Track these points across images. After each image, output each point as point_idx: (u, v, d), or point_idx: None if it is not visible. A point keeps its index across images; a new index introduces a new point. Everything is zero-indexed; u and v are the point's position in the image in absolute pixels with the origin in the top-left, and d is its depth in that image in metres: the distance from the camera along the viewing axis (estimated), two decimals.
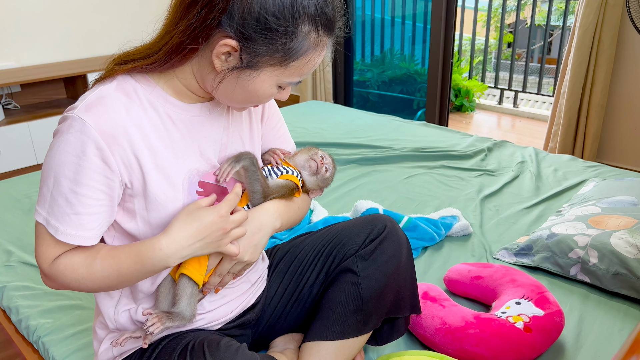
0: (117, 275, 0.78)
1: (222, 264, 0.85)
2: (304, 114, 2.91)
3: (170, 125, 0.81)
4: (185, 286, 0.83)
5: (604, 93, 2.69)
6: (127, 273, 0.78)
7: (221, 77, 0.76)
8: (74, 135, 0.73)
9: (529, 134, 3.84)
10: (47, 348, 1.18)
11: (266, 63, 0.74)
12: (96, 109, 0.74)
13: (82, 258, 0.78)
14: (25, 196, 1.96)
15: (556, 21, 5.90)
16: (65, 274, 0.78)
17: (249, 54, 0.73)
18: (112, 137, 0.75)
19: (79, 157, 0.73)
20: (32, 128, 3.05)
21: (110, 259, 0.78)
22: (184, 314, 0.83)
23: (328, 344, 0.95)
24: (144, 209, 0.80)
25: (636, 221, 1.38)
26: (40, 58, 3.40)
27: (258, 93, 0.78)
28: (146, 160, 0.78)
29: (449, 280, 1.33)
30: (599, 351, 1.11)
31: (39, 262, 0.80)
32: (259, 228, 0.86)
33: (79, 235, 0.77)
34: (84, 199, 0.75)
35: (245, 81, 0.76)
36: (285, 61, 0.74)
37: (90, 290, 0.80)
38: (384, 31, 3.99)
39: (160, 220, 0.81)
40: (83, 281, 0.78)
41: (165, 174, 0.80)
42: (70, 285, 0.80)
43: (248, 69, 0.75)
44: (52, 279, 0.80)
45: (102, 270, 0.78)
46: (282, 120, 1.03)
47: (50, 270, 0.79)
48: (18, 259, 1.53)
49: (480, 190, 1.92)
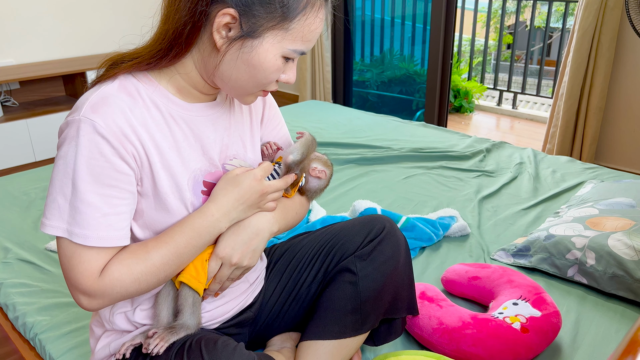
0: (176, 257, 0.78)
1: (222, 270, 0.85)
2: (303, 114, 2.91)
3: (174, 124, 0.81)
4: (186, 295, 0.83)
5: (603, 95, 2.69)
6: (185, 252, 0.79)
7: (223, 53, 0.75)
8: (86, 138, 0.72)
9: (527, 135, 3.84)
10: (43, 345, 1.18)
11: (267, 27, 0.74)
12: (102, 109, 0.74)
13: (133, 255, 0.77)
14: (23, 193, 1.96)
15: (555, 23, 5.91)
16: (121, 279, 0.75)
17: (249, 19, 0.73)
18: (123, 136, 0.74)
19: (96, 159, 0.72)
20: (31, 125, 3.05)
21: (164, 244, 0.78)
22: (188, 324, 0.83)
23: (325, 343, 0.95)
24: (153, 209, 0.80)
25: (634, 223, 1.38)
26: (39, 55, 3.40)
27: (263, 66, 0.76)
28: (154, 159, 0.78)
29: (447, 280, 1.33)
30: (596, 352, 1.11)
31: (82, 283, 0.74)
32: (256, 233, 0.86)
33: (110, 236, 0.74)
34: (110, 199, 0.74)
35: (248, 54, 0.75)
36: (284, 21, 0.74)
37: (150, 287, 0.78)
38: (383, 31, 3.99)
39: (166, 220, 0.81)
40: (144, 277, 0.77)
41: (172, 173, 0.80)
42: (128, 290, 0.76)
43: (250, 38, 0.74)
44: (102, 294, 0.75)
45: (160, 258, 0.77)
46: (283, 122, 1.03)
47: (99, 285, 0.74)
48: (15, 256, 1.53)
49: (479, 191, 1.93)
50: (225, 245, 0.84)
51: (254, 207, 0.85)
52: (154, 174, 0.78)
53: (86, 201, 0.72)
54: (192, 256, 0.81)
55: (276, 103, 1.04)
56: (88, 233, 0.73)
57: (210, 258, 0.84)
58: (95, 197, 0.73)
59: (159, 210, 0.80)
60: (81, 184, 0.72)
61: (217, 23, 0.73)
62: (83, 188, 0.72)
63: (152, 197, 0.80)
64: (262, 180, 0.85)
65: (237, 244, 0.85)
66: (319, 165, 0.97)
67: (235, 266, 0.85)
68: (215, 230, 0.82)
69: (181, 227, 0.80)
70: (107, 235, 0.74)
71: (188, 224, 0.80)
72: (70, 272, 0.75)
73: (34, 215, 1.79)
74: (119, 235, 0.76)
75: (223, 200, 0.82)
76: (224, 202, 0.82)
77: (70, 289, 0.76)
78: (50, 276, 1.44)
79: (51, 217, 0.74)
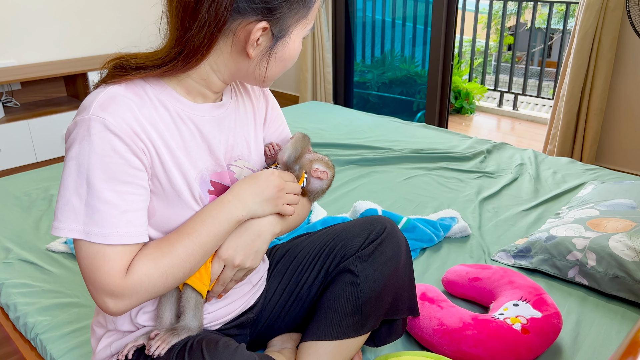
0: (200, 247, 0.79)
1: (225, 272, 0.85)
2: (304, 115, 2.91)
3: (181, 123, 0.81)
4: (189, 297, 0.83)
5: (604, 96, 2.69)
6: (207, 241, 0.80)
7: (257, 61, 0.79)
8: (98, 136, 0.71)
9: (528, 136, 3.84)
10: (44, 345, 1.18)
11: (292, 23, 0.77)
12: (111, 107, 0.73)
13: (158, 249, 0.76)
14: (24, 194, 1.96)
15: (556, 24, 5.91)
16: (149, 273, 0.74)
17: (278, 24, 0.75)
18: (134, 133, 0.74)
19: (110, 156, 0.72)
20: (32, 126, 3.05)
21: (186, 235, 0.78)
22: (190, 326, 0.84)
23: (326, 344, 0.95)
24: (167, 207, 0.80)
25: (634, 224, 1.38)
26: (40, 56, 3.40)
27: (292, 55, 0.82)
28: (165, 157, 0.78)
29: (447, 281, 1.33)
30: (596, 353, 1.11)
31: (108, 284, 0.72)
32: (258, 234, 0.86)
33: (130, 232, 0.73)
34: (127, 196, 0.73)
35: (281, 51, 0.79)
36: (305, 9, 0.78)
37: (177, 281, 0.78)
38: (384, 33, 3.99)
39: (179, 218, 0.81)
40: (171, 271, 0.76)
41: (182, 171, 0.81)
42: (156, 285, 0.75)
43: (281, 39, 0.77)
44: (130, 293, 0.73)
45: (184, 250, 0.77)
46: (285, 123, 1.03)
47: (127, 283, 0.73)
48: (16, 256, 1.53)
49: (479, 192, 1.93)
50: (227, 247, 0.84)
51: (271, 203, 0.86)
52: (167, 172, 0.79)
53: (103, 199, 0.72)
54: (215, 246, 0.82)
55: (278, 104, 1.04)
56: (108, 231, 0.72)
57: (213, 260, 0.84)
58: (112, 194, 0.72)
59: (173, 208, 0.80)
60: (97, 182, 0.71)
61: (252, 38, 0.75)
62: (99, 186, 0.71)
63: (167, 195, 0.79)
64: (280, 177, 0.87)
65: (240, 245, 0.85)
66: (320, 166, 0.97)
67: (238, 268, 0.85)
68: (234, 218, 0.82)
69: (200, 217, 0.81)
70: (127, 232, 0.73)
71: (206, 213, 0.81)
72: (94, 275, 0.72)
73: (35, 216, 1.79)
74: (138, 232, 0.75)
75: (239, 190, 0.83)
76: (240, 191, 0.83)
77: (95, 293, 0.73)
78: (52, 276, 1.44)
79: (65, 220, 0.72)
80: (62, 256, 1.54)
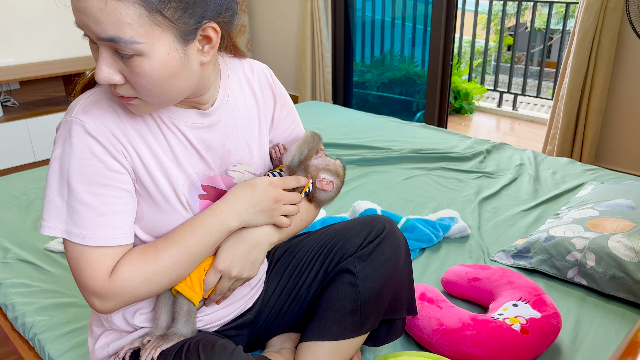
0: (187, 256, 0.78)
1: (222, 282, 0.85)
2: (303, 115, 2.91)
3: (166, 130, 0.80)
4: (181, 304, 0.83)
5: (603, 97, 2.69)
6: (196, 251, 0.79)
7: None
8: (78, 138, 0.72)
9: (527, 136, 3.84)
10: (42, 345, 1.18)
11: None
12: (92, 110, 0.74)
13: (143, 256, 0.76)
14: (22, 193, 1.96)
15: (556, 25, 5.92)
16: (131, 279, 0.74)
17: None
18: (113, 136, 0.74)
19: (88, 159, 0.72)
20: (31, 125, 3.05)
21: (174, 244, 0.78)
22: (181, 332, 0.83)
23: (325, 344, 0.95)
24: (154, 212, 0.80)
25: (634, 224, 1.38)
26: (39, 55, 3.40)
27: None
28: (149, 162, 0.78)
29: (447, 281, 1.33)
30: (596, 354, 1.11)
31: (92, 285, 0.73)
32: (254, 245, 0.86)
33: (108, 235, 0.74)
34: (105, 198, 0.74)
35: None
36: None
37: (162, 287, 0.78)
38: (384, 33, 3.99)
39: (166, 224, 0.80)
40: (155, 278, 0.76)
41: (169, 176, 0.80)
42: (138, 291, 0.76)
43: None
44: (114, 295, 0.74)
45: (171, 258, 0.77)
46: (297, 121, 1.00)
47: (110, 286, 0.74)
48: (15, 256, 1.53)
49: (479, 192, 1.93)
50: (224, 258, 0.84)
51: (266, 214, 0.84)
52: (151, 176, 0.78)
53: (82, 201, 0.72)
54: (204, 255, 0.81)
55: (292, 101, 1.00)
56: (85, 233, 0.73)
57: (209, 271, 0.84)
58: (90, 196, 0.73)
59: (159, 213, 0.80)
60: (76, 184, 0.72)
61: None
62: (78, 188, 0.72)
63: (153, 199, 0.79)
64: (278, 187, 0.85)
65: (236, 257, 0.84)
66: (327, 176, 0.94)
67: (235, 278, 0.85)
68: (225, 228, 0.81)
69: (190, 225, 0.80)
70: (104, 235, 0.74)
71: (197, 222, 0.80)
72: (79, 275, 0.74)
73: (34, 215, 1.79)
74: (117, 235, 0.75)
75: (234, 199, 0.82)
76: (235, 200, 0.82)
77: (82, 292, 0.75)
78: (50, 276, 1.44)
79: (49, 219, 0.74)
80: (61, 256, 1.54)
